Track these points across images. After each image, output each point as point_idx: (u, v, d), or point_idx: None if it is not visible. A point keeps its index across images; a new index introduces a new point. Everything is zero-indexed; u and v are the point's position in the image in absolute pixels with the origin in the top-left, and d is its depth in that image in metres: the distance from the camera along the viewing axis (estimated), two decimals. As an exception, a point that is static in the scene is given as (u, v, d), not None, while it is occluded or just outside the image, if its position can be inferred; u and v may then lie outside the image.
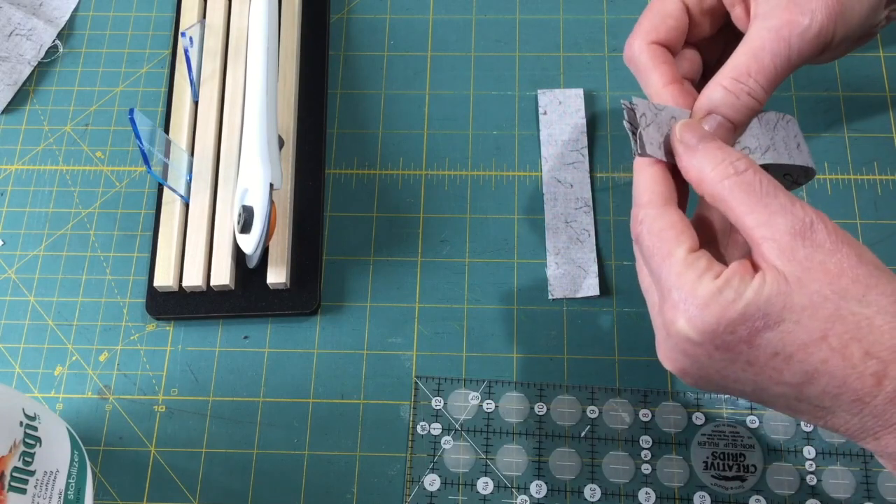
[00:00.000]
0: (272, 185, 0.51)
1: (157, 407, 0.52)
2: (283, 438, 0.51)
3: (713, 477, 0.48)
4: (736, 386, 0.36)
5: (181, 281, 0.53)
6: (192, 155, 0.55)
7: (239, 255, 0.53)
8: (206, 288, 0.53)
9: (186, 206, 0.54)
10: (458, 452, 0.50)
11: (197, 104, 0.57)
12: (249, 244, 0.50)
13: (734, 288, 0.33)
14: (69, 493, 0.45)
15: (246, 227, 0.49)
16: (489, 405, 0.51)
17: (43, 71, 0.61)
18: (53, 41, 0.61)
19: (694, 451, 0.49)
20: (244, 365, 0.52)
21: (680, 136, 0.37)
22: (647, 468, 0.49)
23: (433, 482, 0.49)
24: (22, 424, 0.41)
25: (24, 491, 0.40)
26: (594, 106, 0.58)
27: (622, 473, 0.49)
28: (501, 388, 0.51)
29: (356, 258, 0.55)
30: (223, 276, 0.52)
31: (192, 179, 0.54)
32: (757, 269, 0.34)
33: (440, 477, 0.49)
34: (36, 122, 0.60)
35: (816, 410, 0.35)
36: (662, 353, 0.37)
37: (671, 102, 0.39)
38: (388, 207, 0.56)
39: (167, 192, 0.54)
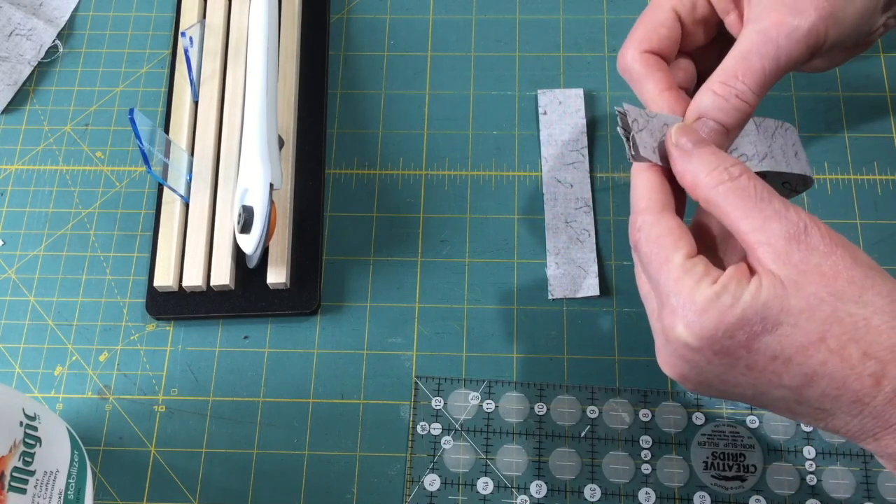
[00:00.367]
0: (272, 185, 0.51)
1: (157, 407, 0.52)
2: (283, 438, 0.51)
3: (713, 477, 0.48)
4: (736, 390, 0.36)
5: (181, 281, 0.53)
6: (192, 155, 0.55)
7: (239, 255, 0.53)
8: (206, 288, 0.53)
9: (186, 206, 0.54)
10: (458, 452, 0.50)
11: (197, 104, 0.57)
12: (249, 244, 0.50)
13: (731, 293, 0.33)
14: (69, 493, 0.45)
15: (246, 227, 0.49)
16: (489, 405, 0.51)
17: (43, 71, 0.61)
18: (53, 41, 0.61)
19: (694, 451, 0.49)
20: (244, 365, 0.52)
21: (676, 139, 0.37)
22: (647, 468, 0.49)
23: (433, 482, 0.49)
24: (22, 424, 0.41)
25: (24, 491, 0.40)
26: (594, 106, 0.58)
27: (622, 473, 0.49)
28: (501, 388, 0.51)
29: (356, 258, 0.55)
30: (223, 276, 0.52)
31: (192, 179, 0.54)
32: (753, 273, 0.34)
33: (440, 477, 0.49)
34: (36, 122, 0.60)
35: (817, 413, 0.35)
36: (662, 359, 0.37)
37: (667, 109, 0.39)
38: (388, 207, 0.56)
39: (167, 192, 0.54)
